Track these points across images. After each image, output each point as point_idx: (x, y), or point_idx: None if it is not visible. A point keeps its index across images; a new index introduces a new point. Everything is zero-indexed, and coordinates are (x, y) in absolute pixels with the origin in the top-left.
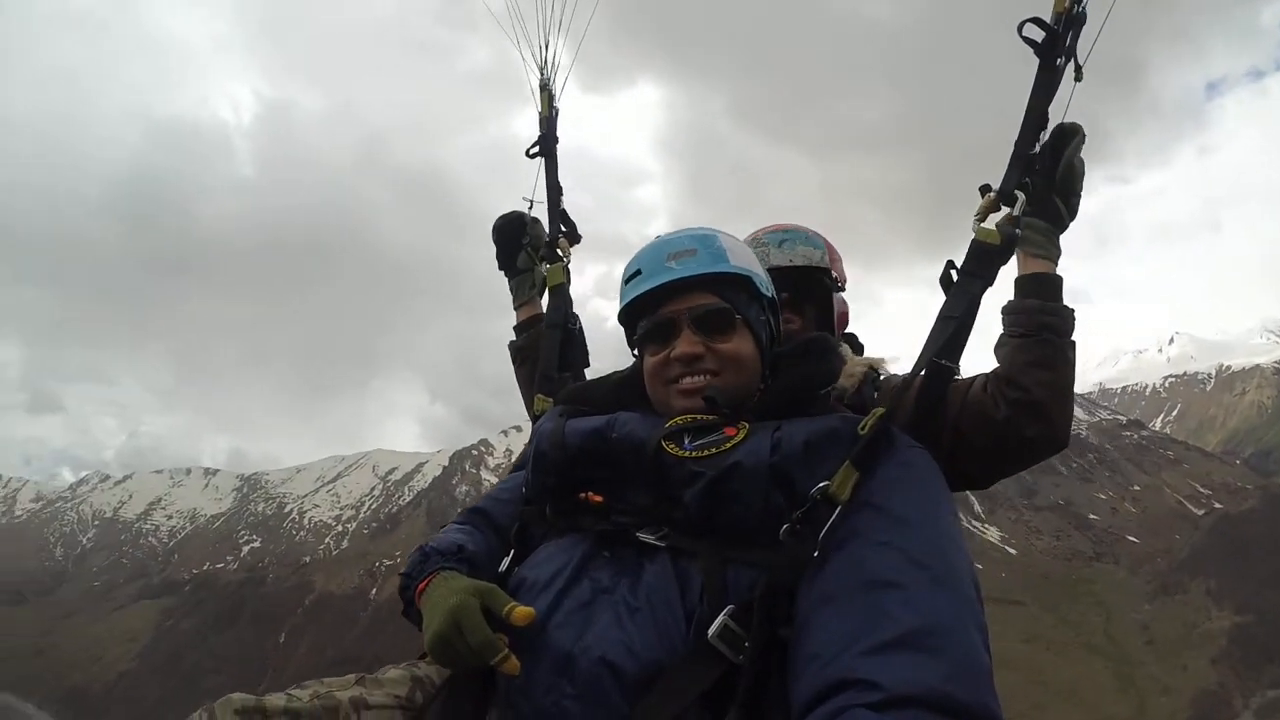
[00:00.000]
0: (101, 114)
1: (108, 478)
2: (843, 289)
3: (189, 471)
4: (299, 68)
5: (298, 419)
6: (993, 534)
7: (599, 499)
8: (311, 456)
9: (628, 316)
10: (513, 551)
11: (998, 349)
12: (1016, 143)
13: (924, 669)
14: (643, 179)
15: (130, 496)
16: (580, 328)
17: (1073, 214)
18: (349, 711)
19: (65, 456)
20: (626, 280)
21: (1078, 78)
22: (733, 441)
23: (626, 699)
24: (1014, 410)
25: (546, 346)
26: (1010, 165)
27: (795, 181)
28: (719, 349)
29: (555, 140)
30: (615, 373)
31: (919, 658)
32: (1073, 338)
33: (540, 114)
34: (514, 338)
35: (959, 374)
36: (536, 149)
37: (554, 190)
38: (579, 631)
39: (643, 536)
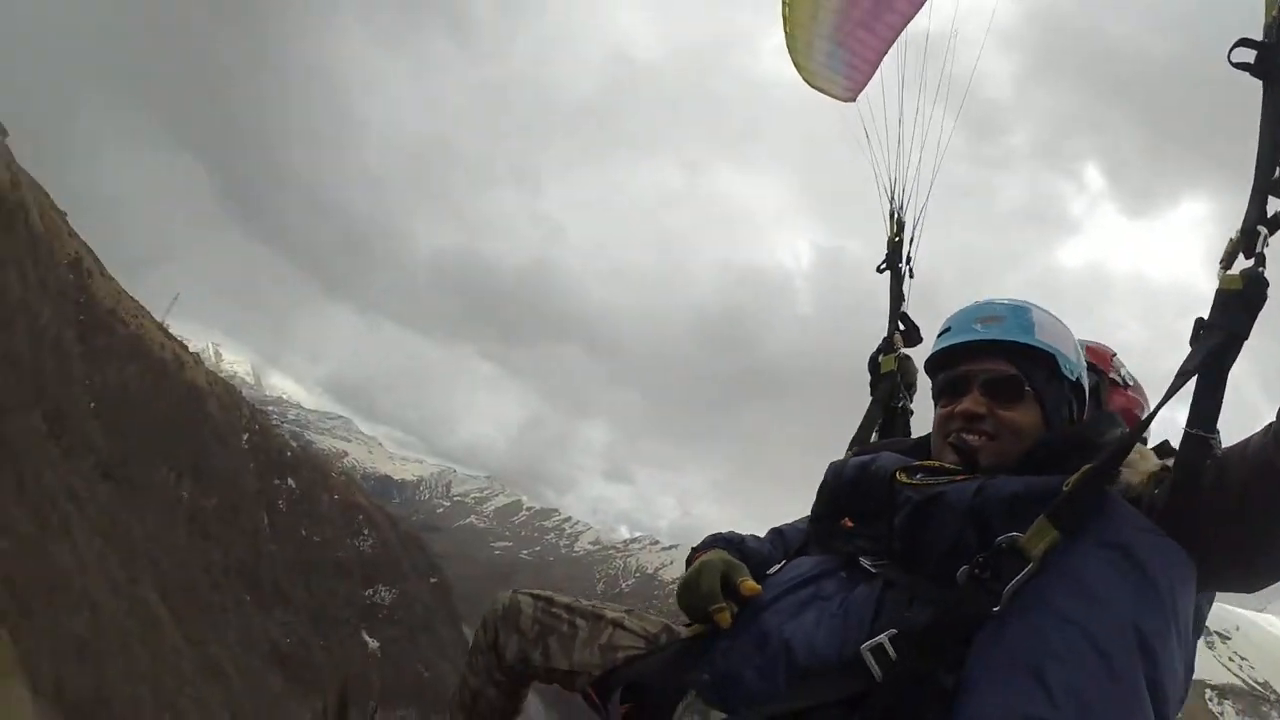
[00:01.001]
0: (695, 260)
1: (657, 542)
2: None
3: None
4: (847, 220)
5: None
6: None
7: (850, 524)
8: None
9: (930, 369)
10: (784, 561)
11: None
12: (1255, 175)
13: None
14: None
15: (672, 562)
16: (906, 410)
17: None
18: (609, 625)
19: (625, 517)
20: (938, 335)
21: None
22: (951, 479)
23: (788, 683)
24: None
25: (867, 417)
26: (1250, 201)
27: None
28: (1001, 415)
29: (899, 259)
30: (921, 436)
31: None
32: None
33: (889, 237)
34: None
35: (1216, 442)
36: (885, 265)
37: (895, 299)
38: (784, 620)
39: (863, 562)
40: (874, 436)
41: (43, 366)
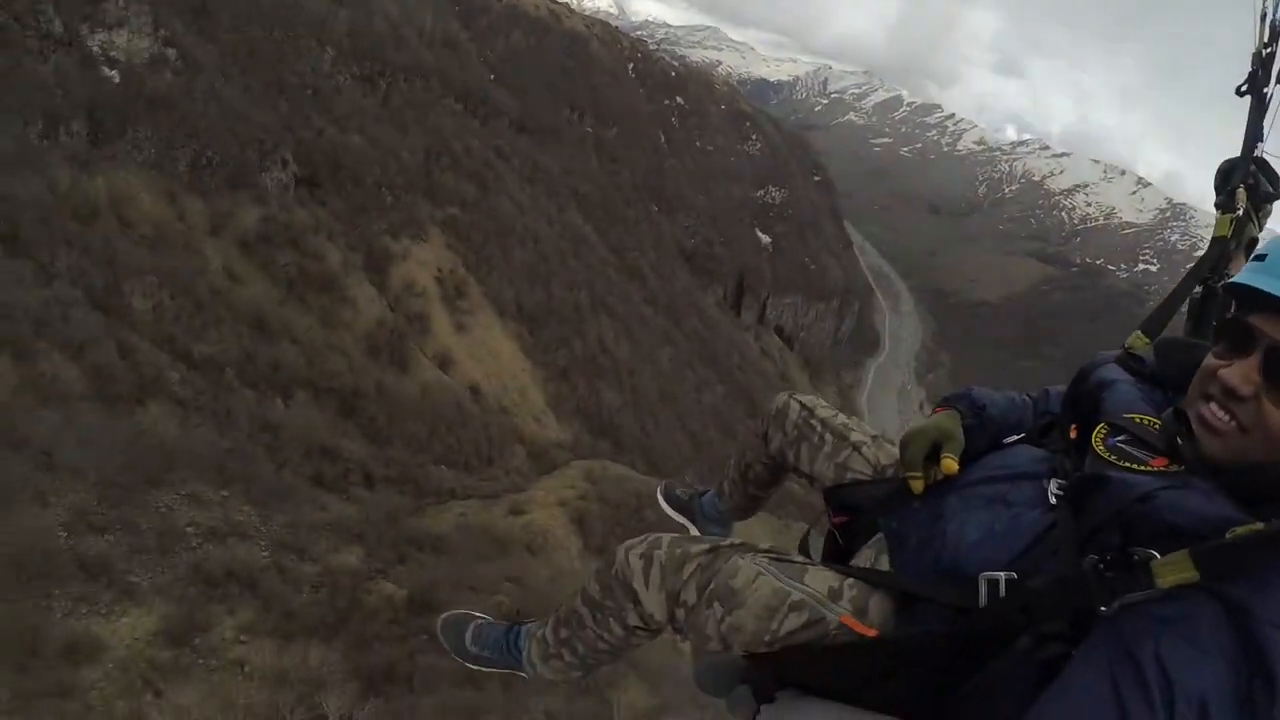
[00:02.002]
0: None
1: (1046, 148)
2: None
3: (1123, 173)
4: None
5: None
6: None
7: (1075, 435)
8: None
9: (1231, 294)
10: (1023, 436)
11: None
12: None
13: None
14: None
15: (1061, 171)
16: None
17: None
18: (849, 447)
19: (1013, 117)
20: (1251, 258)
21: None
22: (1134, 466)
23: (932, 570)
24: None
25: (1176, 293)
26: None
27: None
28: (1268, 408)
29: (1267, 79)
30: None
31: None
32: None
33: (1255, 49)
34: None
35: None
36: (1245, 86)
37: (1252, 136)
38: (961, 509)
39: (1046, 485)
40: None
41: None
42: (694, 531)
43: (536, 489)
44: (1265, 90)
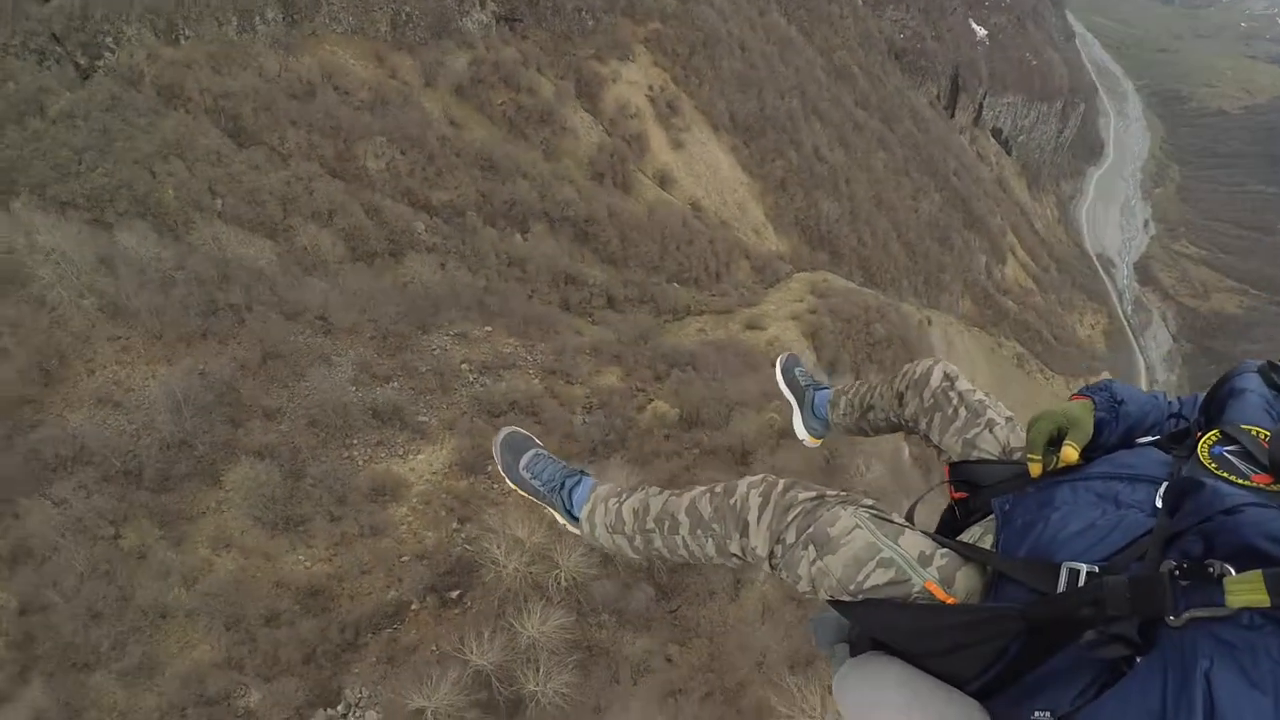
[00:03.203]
0: None
1: None
2: None
3: None
4: None
5: None
6: None
7: (1201, 438)
8: None
9: None
10: (1158, 439)
11: None
12: None
13: None
14: None
15: None
16: None
17: None
18: (982, 424)
19: None
20: None
21: None
22: (1231, 478)
23: (1026, 553)
24: None
25: None
26: None
27: None
28: None
29: None
30: None
31: None
32: None
33: None
34: None
35: None
36: None
37: None
38: (1071, 501)
39: (1157, 493)
40: None
41: None
42: (796, 414)
43: (766, 303)
44: None
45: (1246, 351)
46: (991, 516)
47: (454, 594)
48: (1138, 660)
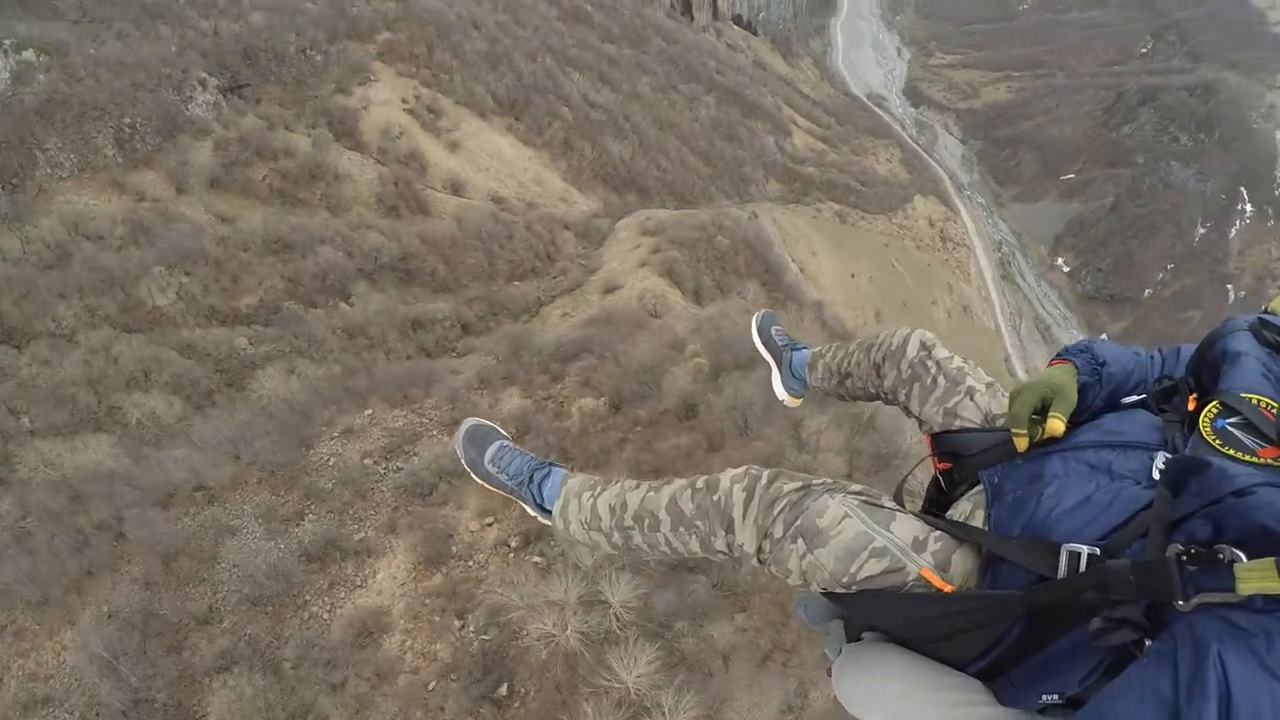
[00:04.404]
0: None
1: None
2: None
3: None
4: None
5: None
6: None
7: (1193, 407)
8: None
9: None
10: (1144, 398)
11: None
12: None
13: None
14: None
15: None
16: None
17: None
18: (963, 392)
19: None
20: None
21: None
22: (1238, 454)
23: (1021, 531)
24: None
25: None
26: None
27: None
28: None
29: None
30: None
31: None
32: None
33: None
34: None
35: None
36: None
37: None
38: (1065, 472)
39: (1154, 460)
40: None
41: None
42: (775, 374)
43: (607, 262)
44: None
45: (1034, 128)
46: (980, 487)
47: (502, 691)
48: (1147, 643)
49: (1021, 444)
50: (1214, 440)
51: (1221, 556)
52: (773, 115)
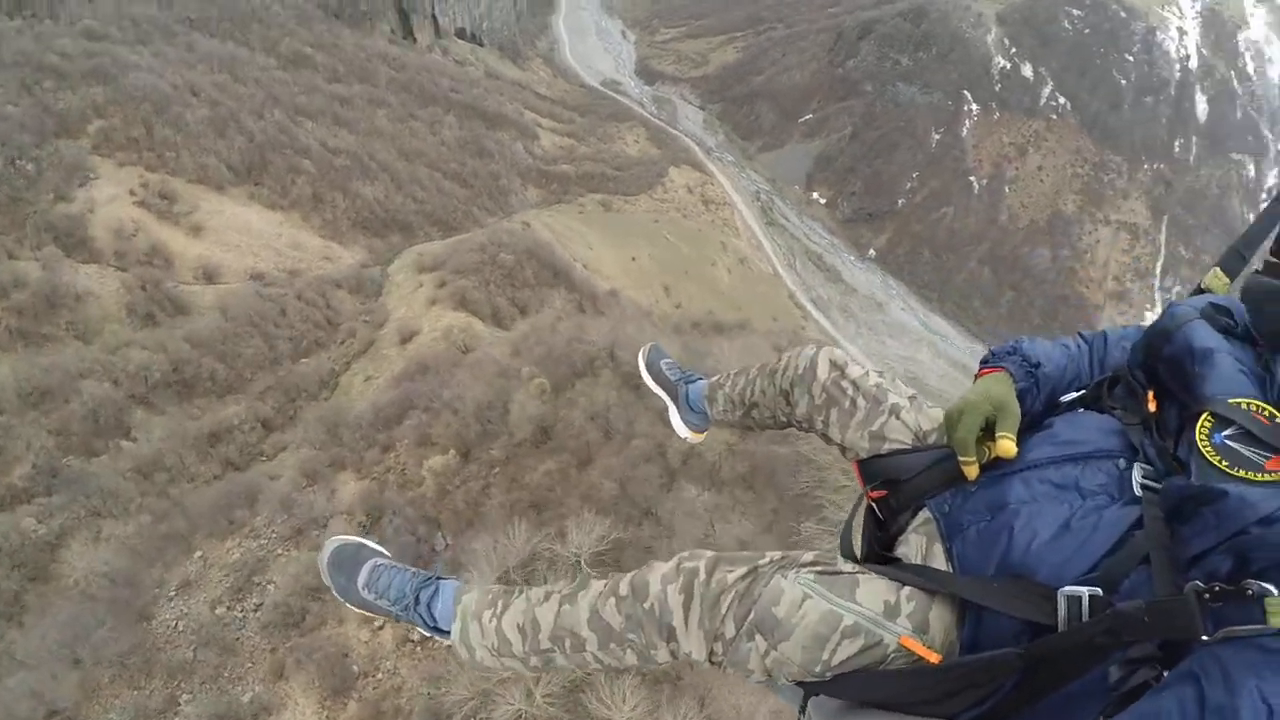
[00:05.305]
0: None
1: None
2: None
3: None
4: None
5: None
6: None
7: (1154, 407)
8: None
9: None
10: (1084, 393)
11: None
12: None
13: None
14: None
15: None
16: None
17: None
18: (886, 412)
19: None
20: None
21: None
22: (1250, 475)
23: (997, 570)
24: None
25: (1260, 224)
26: None
27: None
28: None
29: None
30: None
31: None
32: None
33: None
34: None
35: None
36: None
37: None
38: (1028, 500)
39: (1134, 475)
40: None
41: None
42: (672, 410)
43: (394, 310)
44: None
45: (765, 81)
46: (926, 517)
47: None
48: (1164, 674)
49: (972, 472)
50: (1220, 462)
51: (1250, 592)
52: (516, 122)
